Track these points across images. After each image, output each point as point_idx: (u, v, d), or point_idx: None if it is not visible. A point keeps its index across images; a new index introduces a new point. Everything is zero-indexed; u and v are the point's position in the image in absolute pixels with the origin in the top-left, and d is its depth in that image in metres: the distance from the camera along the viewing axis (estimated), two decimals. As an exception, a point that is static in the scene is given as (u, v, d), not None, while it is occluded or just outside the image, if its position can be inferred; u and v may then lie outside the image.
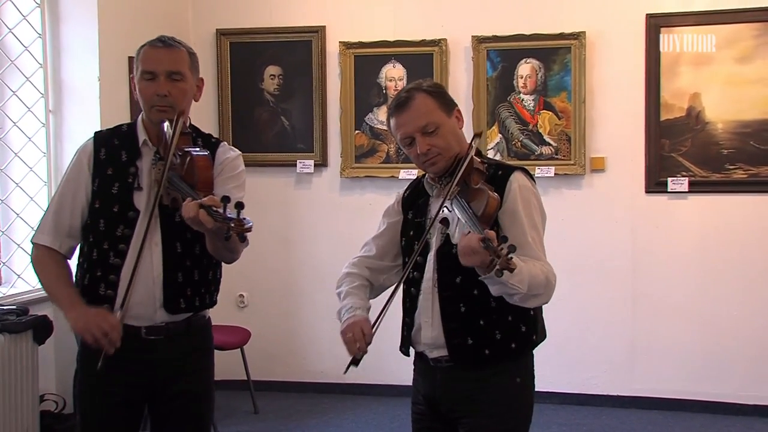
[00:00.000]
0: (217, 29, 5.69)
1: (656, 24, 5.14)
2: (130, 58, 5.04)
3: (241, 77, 5.72)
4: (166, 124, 2.60)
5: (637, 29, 5.17)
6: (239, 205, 2.26)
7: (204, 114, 5.75)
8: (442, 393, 2.56)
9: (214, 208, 2.29)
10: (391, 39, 5.46)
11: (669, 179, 5.18)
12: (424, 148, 2.47)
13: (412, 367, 2.73)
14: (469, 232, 2.23)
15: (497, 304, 2.44)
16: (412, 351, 2.67)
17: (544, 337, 2.64)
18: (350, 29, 5.54)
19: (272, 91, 5.70)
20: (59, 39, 4.78)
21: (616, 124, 5.26)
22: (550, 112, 5.29)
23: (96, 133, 2.78)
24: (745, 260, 5.16)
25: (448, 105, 2.54)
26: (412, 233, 2.62)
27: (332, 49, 5.58)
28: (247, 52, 5.70)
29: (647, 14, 5.14)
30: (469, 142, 2.50)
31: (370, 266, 2.70)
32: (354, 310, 2.57)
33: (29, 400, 4.10)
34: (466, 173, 2.40)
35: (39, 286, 4.62)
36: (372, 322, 2.52)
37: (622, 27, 5.21)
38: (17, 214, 4.59)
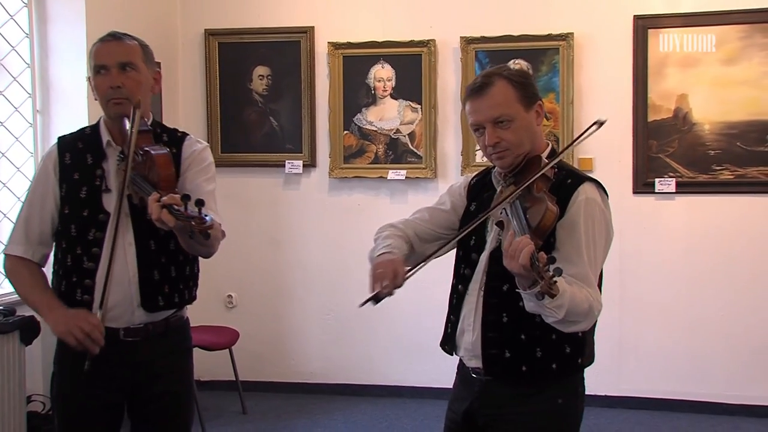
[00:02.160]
0: (205, 29, 5.68)
1: (644, 25, 5.16)
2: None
3: (229, 77, 5.71)
4: (126, 122, 2.56)
5: (624, 31, 5.19)
6: (199, 203, 2.21)
7: (192, 114, 5.76)
8: (478, 405, 2.44)
9: (176, 207, 2.26)
10: (380, 40, 5.47)
11: (656, 180, 5.20)
12: (492, 141, 2.31)
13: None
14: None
15: (542, 320, 2.25)
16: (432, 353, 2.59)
17: (592, 361, 2.49)
18: (339, 30, 5.54)
19: (261, 91, 5.69)
20: (47, 39, 4.77)
21: (603, 125, 5.26)
22: (538, 113, 5.29)
23: (59, 138, 2.76)
24: (731, 261, 5.19)
25: (530, 98, 2.37)
26: (467, 227, 2.45)
27: (321, 49, 5.58)
28: (235, 52, 5.69)
29: (635, 16, 5.16)
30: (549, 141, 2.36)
31: (418, 231, 2.54)
32: (392, 248, 2.41)
33: (16, 401, 4.08)
34: (531, 175, 2.25)
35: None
36: (408, 268, 2.31)
37: (610, 28, 5.23)
38: (4, 215, 4.57)
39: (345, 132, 5.56)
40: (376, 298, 2.26)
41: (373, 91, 5.51)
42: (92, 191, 2.62)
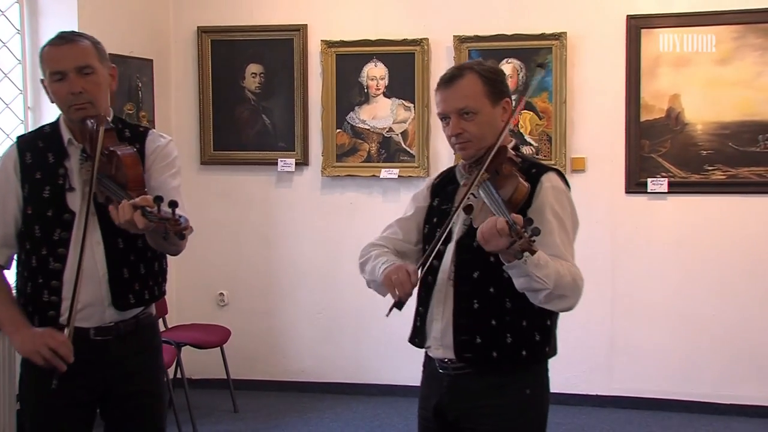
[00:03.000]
0: (198, 27, 5.67)
1: (637, 25, 5.16)
2: (110, 55, 5.00)
3: (222, 75, 5.69)
4: (89, 121, 2.52)
5: (617, 30, 5.20)
6: (173, 204, 2.18)
7: (185, 112, 5.74)
8: (448, 401, 2.47)
9: (148, 209, 2.22)
10: (373, 38, 5.46)
11: (649, 180, 5.20)
12: (455, 131, 2.39)
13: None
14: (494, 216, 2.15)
15: (513, 306, 2.34)
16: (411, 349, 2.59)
17: (555, 352, 2.53)
18: (332, 28, 5.53)
19: (253, 89, 5.68)
20: (38, 35, 4.74)
21: (596, 124, 5.29)
22: (531, 113, 5.30)
23: (18, 137, 2.71)
24: (723, 261, 5.20)
25: (498, 94, 2.43)
26: (435, 220, 2.53)
27: (314, 47, 5.57)
28: (228, 50, 5.68)
29: (628, 15, 5.17)
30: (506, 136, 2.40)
31: (397, 247, 2.58)
32: (392, 261, 2.43)
33: (5, 400, 4.06)
34: (498, 162, 2.32)
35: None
36: (417, 266, 2.36)
37: (603, 28, 5.23)
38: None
39: (338, 130, 5.55)
40: (399, 304, 2.29)
41: (366, 90, 5.50)
42: (56, 190, 2.57)
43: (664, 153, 5.19)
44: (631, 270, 5.31)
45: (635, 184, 5.24)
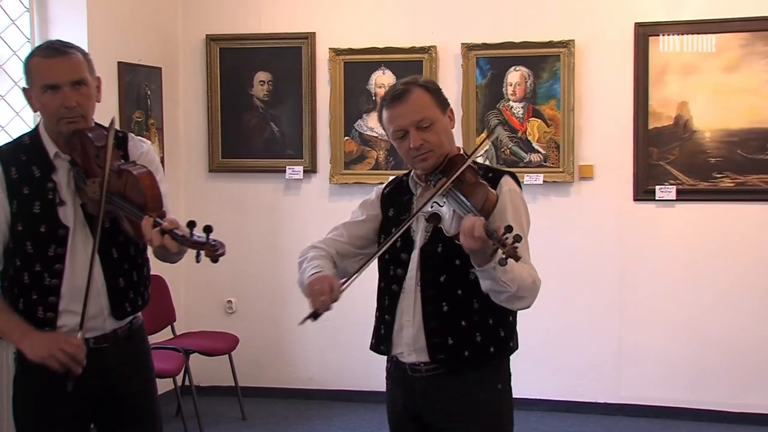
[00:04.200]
0: (206, 35, 5.69)
1: (644, 32, 5.16)
2: (120, 64, 5.05)
3: (230, 83, 5.71)
4: (89, 135, 2.50)
5: (625, 38, 5.19)
6: (207, 229, 2.20)
7: (193, 119, 5.76)
8: (423, 403, 2.52)
9: (179, 233, 2.24)
10: (381, 46, 5.47)
11: (657, 187, 5.20)
12: (417, 143, 2.43)
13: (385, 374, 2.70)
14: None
15: (480, 306, 2.44)
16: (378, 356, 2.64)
17: (517, 346, 2.60)
18: (340, 36, 5.54)
19: (262, 97, 5.70)
20: (48, 43, 4.77)
21: (604, 132, 5.28)
22: (539, 120, 5.30)
23: None
24: (732, 268, 5.18)
25: (443, 103, 2.52)
26: (394, 230, 2.55)
27: (322, 55, 5.58)
28: (236, 57, 5.70)
29: (636, 23, 5.17)
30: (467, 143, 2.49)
31: (338, 249, 2.63)
32: (320, 268, 2.49)
33: (4, 410, 4.05)
34: (461, 172, 2.38)
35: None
36: (342, 281, 2.42)
37: (611, 35, 5.24)
38: None
39: (346, 138, 5.56)
40: (315, 315, 2.36)
41: (374, 97, 5.51)
42: (46, 205, 2.51)
43: (672, 160, 5.19)
44: (639, 277, 5.30)
45: (643, 192, 5.23)
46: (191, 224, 2.22)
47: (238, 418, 5.35)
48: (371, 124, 5.51)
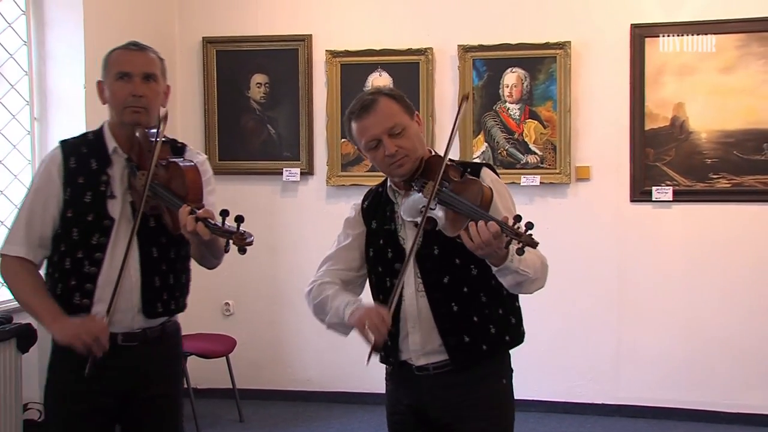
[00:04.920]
0: (203, 37, 5.69)
1: (641, 34, 5.17)
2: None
3: (227, 85, 5.71)
4: (141, 131, 2.63)
5: (621, 39, 5.21)
6: (239, 219, 2.30)
7: (190, 121, 5.76)
8: (429, 400, 2.54)
9: (211, 221, 2.34)
10: (378, 48, 5.47)
11: (653, 188, 5.21)
12: (392, 150, 2.44)
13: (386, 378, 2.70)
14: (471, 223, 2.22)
15: (488, 299, 2.47)
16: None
17: (525, 331, 2.64)
18: (336, 38, 5.55)
19: (258, 99, 5.70)
20: (45, 46, 4.77)
21: (601, 133, 5.29)
22: (536, 121, 5.31)
23: (62, 141, 2.76)
24: (729, 268, 5.19)
25: (409, 109, 2.54)
26: (382, 242, 2.59)
27: (318, 57, 5.59)
28: (233, 60, 5.70)
29: (632, 24, 5.18)
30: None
31: (341, 277, 2.66)
32: (356, 302, 2.51)
33: (12, 409, 4.07)
34: (444, 172, 2.39)
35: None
36: (386, 308, 2.42)
37: (607, 37, 5.25)
38: (1, 222, 4.56)
39: (343, 140, 5.56)
40: (377, 348, 2.38)
41: (370, 99, 5.50)
42: (97, 196, 2.63)
43: (668, 161, 5.20)
44: (636, 278, 5.31)
45: (640, 193, 5.24)
46: (224, 213, 2.33)
47: (236, 421, 5.35)
48: (368, 126, 5.51)
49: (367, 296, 2.65)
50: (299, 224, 5.69)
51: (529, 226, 2.12)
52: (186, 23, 5.75)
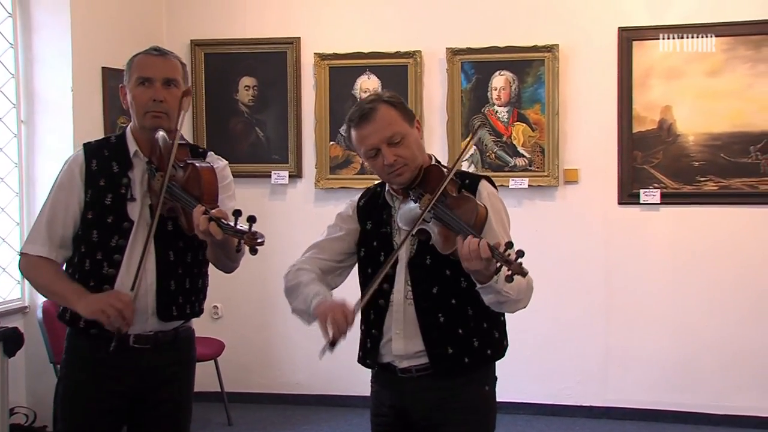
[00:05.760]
0: (191, 40, 5.68)
1: (628, 37, 5.19)
2: (104, 69, 5.02)
3: (215, 88, 5.70)
4: (161, 134, 2.65)
5: (609, 42, 5.22)
6: (251, 219, 2.31)
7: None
8: (411, 402, 2.55)
9: (224, 221, 2.37)
10: (366, 50, 5.47)
11: (641, 191, 5.22)
12: (391, 159, 2.43)
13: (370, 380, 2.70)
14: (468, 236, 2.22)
15: (474, 313, 2.47)
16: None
17: (508, 344, 2.64)
18: (325, 41, 5.55)
19: (247, 102, 5.69)
20: (31, 49, 4.75)
21: (589, 136, 5.30)
22: (524, 124, 5.32)
23: (85, 144, 2.78)
24: (716, 271, 5.21)
25: (409, 115, 2.52)
26: (375, 244, 2.58)
27: (307, 60, 5.58)
28: (221, 63, 5.69)
29: (619, 27, 5.20)
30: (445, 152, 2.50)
31: (321, 266, 2.64)
32: (324, 294, 2.49)
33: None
34: (441, 184, 2.38)
35: (9, 297, 4.60)
36: (353, 308, 2.41)
37: (595, 40, 5.26)
38: (-12, 225, 4.55)
39: (331, 143, 5.56)
40: (333, 344, 2.38)
41: (359, 102, 5.51)
42: (117, 199, 2.66)
43: (656, 164, 5.21)
44: (624, 280, 5.32)
45: (628, 196, 5.26)
46: (237, 213, 2.35)
47: (225, 424, 5.33)
48: (357, 129, 5.51)
49: (347, 288, 2.65)
50: (288, 227, 5.67)
51: (520, 254, 2.12)
52: (174, 26, 5.73)
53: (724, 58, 5.10)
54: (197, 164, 2.61)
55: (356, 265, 2.67)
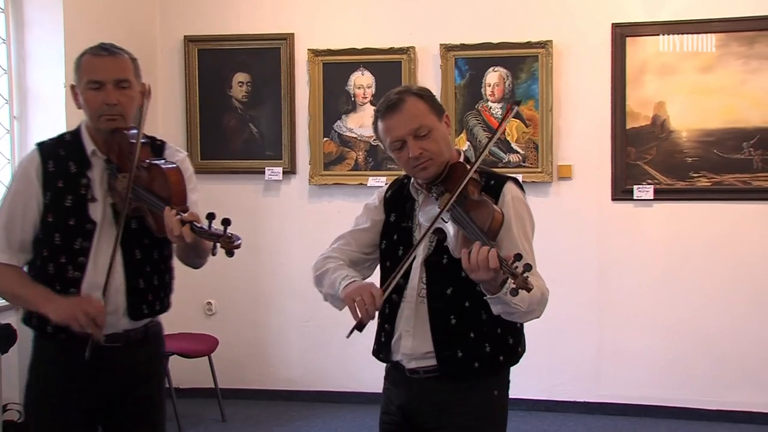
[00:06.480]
0: (185, 36, 5.67)
1: (622, 33, 5.20)
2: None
3: (209, 84, 5.69)
4: (125, 134, 2.59)
5: (603, 38, 5.23)
6: (226, 222, 2.27)
7: (172, 121, 5.73)
8: (418, 404, 2.51)
9: (197, 225, 2.33)
10: (360, 47, 5.47)
11: (635, 187, 5.23)
12: (416, 152, 2.39)
13: (383, 375, 2.69)
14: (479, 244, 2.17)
15: (488, 317, 2.40)
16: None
17: (525, 349, 2.60)
18: (319, 37, 5.54)
19: (240, 98, 5.68)
20: (24, 45, 4.74)
21: (582, 132, 5.31)
22: (518, 120, 5.32)
23: (39, 144, 2.71)
24: (709, 267, 5.22)
25: (438, 110, 2.48)
26: (396, 237, 2.55)
27: (301, 56, 5.57)
28: (215, 59, 5.68)
29: (613, 24, 5.20)
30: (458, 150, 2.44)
31: (350, 258, 2.61)
32: (352, 278, 2.46)
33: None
34: (464, 186, 2.33)
35: None
36: (382, 289, 2.38)
37: (589, 36, 5.26)
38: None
39: (325, 139, 5.56)
40: (361, 326, 2.32)
41: (353, 98, 5.51)
42: (78, 200, 2.60)
43: (649, 160, 5.22)
44: (617, 276, 5.33)
45: (621, 191, 5.27)
46: (210, 216, 2.31)
47: (218, 420, 5.33)
48: (350, 125, 5.51)
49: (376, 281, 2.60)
50: (282, 223, 5.67)
51: (527, 267, 2.06)
52: (167, 22, 5.72)
53: (718, 54, 5.11)
54: (162, 166, 2.55)
55: None
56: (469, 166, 2.41)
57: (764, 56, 5.07)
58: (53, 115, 4.71)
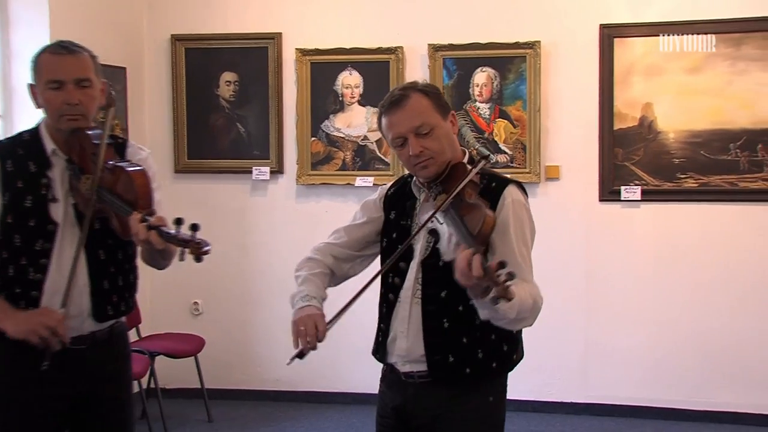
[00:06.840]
0: (172, 35, 5.65)
1: (609, 34, 5.20)
2: (83, 63, 4.98)
3: (196, 83, 5.67)
4: (89, 134, 2.54)
5: (590, 39, 5.23)
6: (194, 227, 2.23)
7: (159, 120, 5.71)
8: (413, 407, 2.49)
9: (165, 230, 2.27)
10: (348, 46, 5.46)
11: (622, 188, 5.24)
12: (416, 150, 2.35)
13: (371, 376, 2.68)
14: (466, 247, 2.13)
15: (481, 322, 2.32)
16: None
17: (522, 356, 2.57)
18: (306, 36, 5.53)
19: (228, 97, 5.66)
20: (9, 44, 4.71)
21: (570, 133, 5.31)
22: (506, 121, 5.32)
23: None
24: (696, 268, 5.24)
25: (444, 108, 2.43)
26: (395, 235, 2.51)
27: (288, 55, 5.56)
28: (202, 58, 5.66)
29: (601, 24, 5.21)
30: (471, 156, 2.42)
31: (337, 254, 2.59)
32: (310, 299, 2.45)
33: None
34: (461, 188, 2.28)
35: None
36: (327, 320, 2.38)
37: (577, 37, 5.27)
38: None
39: (313, 138, 5.55)
40: (301, 355, 2.37)
41: (340, 98, 5.50)
42: (38, 201, 2.54)
43: (637, 161, 5.23)
44: (605, 277, 5.34)
45: (609, 192, 5.27)
46: (178, 221, 2.25)
47: (204, 421, 5.31)
48: (338, 125, 5.51)
49: (346, 288, 2.60)
50: (269, 223, 5.66)
51: (510, 276, 1.99)
52: (155, 21, 5.69)
53: (705, 55, 5.12)
54: (127, 168, 2.49)
55: (378, 255, 2.60)
56: (470, 168, 2.38)
57: (751, 58, 5.09)
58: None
